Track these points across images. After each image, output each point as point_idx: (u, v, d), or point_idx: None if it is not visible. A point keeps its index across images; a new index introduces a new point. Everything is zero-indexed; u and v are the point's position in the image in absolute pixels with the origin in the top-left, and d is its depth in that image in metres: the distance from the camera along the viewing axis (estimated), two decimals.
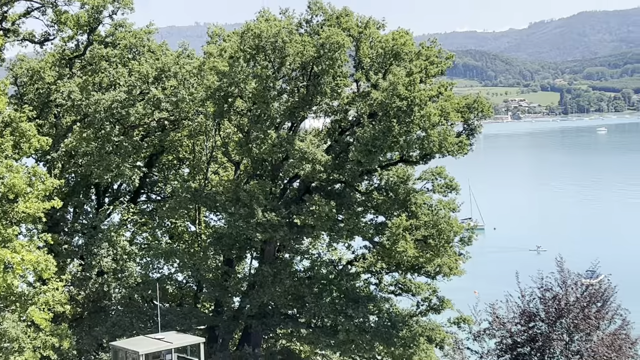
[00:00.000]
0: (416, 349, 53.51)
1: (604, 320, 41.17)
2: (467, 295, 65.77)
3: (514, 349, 41.65)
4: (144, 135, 58.77)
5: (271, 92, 52.40)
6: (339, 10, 54.32)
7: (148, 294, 57.36)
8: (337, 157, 52.99)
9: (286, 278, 53.94)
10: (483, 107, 53.84)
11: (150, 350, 45.28)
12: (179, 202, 55.45)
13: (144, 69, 55.61)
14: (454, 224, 52.36)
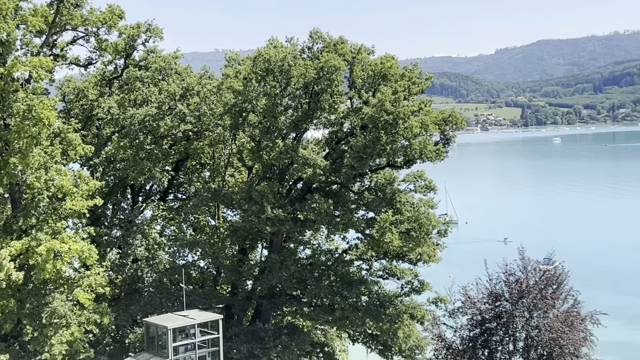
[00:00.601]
0: (400, 324, 53.59)
1: (559, 300, 41.42)
2: (443, 279, 65.99)
3: (482, 324, 41.84)
4: (171, 144, 58.88)
5: (279, 107, 52.55)
6: (336, 39, 54.46)
7: (175, 278, 57.41)
8: (334, 163, 53.13)
9: (291, 264, 54.08)
10: (457, 120, 54.02)
11: (176, 325, 45.34)
12: (201, 200, 55.65)
13: (172, 88, 55.80)
14: (432, 219, 52.46)
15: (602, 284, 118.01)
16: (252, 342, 51.92)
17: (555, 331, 39.19)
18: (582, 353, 39.75)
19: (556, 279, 41.89)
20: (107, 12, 53.76)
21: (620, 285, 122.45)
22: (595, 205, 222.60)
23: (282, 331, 54.80)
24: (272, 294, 55.68)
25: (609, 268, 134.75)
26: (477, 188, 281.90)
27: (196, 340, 45.73)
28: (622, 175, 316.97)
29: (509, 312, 40.79)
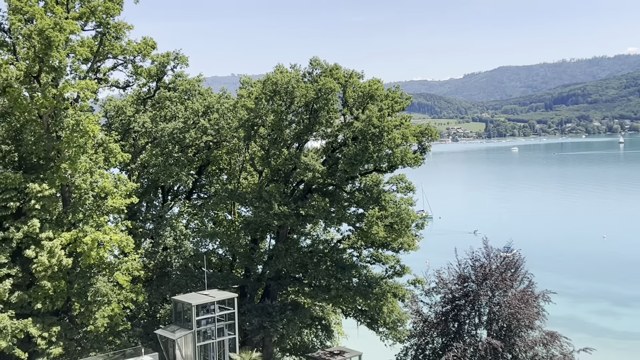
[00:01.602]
0: (385, 302, 53.50)
1: (516, 281, 41.39)
2: (420, 264, 65.78)
3: (453, 301, 41.78)
4: (195, 152, 58.77)
5: (284, 122, 52.49)
6: (331, 65, 54.40)
7: (198, 263, 57.29)
8: (330, 168, 53.02)
9: (294, 252, 53.96)
10: (431, 133, 53.98)
11: (199, 302, 45.34)
12: (219, 199, 55.54)
13: (196, 106, 55.77)
14: (411, 214, 52.44)
15: (553, 267, 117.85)
16: (262, 316, 51.83)
17: (513, 307, 39.14)
18: (535, 325, 39.73)
19: (514, 264, 41.86)
20: (142, 44, 53.74)
21: (567, 268, 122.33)
22: (547, 202, 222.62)
23: (287, 307, 54.67)
24: (278, 277, 55.56)
25: (558, 254, 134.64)
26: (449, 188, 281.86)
27: (215, 315, 45.75)
28: (570, 178, 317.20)
29: (475, 291, 40.75)
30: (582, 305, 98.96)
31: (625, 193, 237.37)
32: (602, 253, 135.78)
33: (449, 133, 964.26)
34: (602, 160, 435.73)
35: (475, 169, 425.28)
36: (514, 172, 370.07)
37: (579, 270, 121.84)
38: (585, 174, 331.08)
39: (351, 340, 65.28)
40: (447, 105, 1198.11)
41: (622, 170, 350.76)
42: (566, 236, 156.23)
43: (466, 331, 41.03)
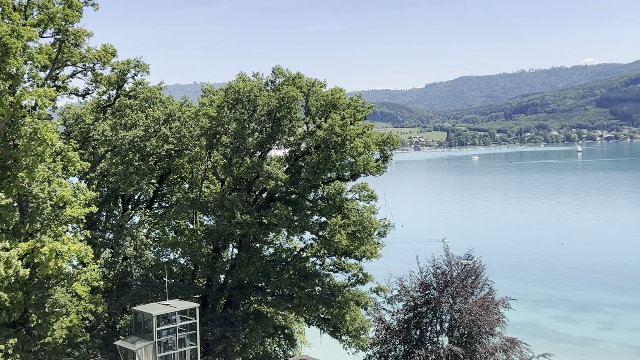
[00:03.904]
0: (348, 310, 53.63)
1: (477, 289, 41.75)
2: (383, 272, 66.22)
3: (415, 309, 41.98)
4: (156, 160, 58.24)
5: (247, 130, 52.41)
6: (294, 74, 54.52)
7: (159, 273, 56.72)
8: (293, 176, 53.11)
9: (257, 261, 53.72)
10: (393, 142, 54.40)
11: (160, 312, 44.75)
12: (181, 208, 55.04)
13: (157, 114, 55.26)
14: (373, 222, 52.72)
15: (513, 274, 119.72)
16: (224, 326, 51.51)
17: (474, 314, 39.46)
18: (496, 332, 40.09)
19: (475, 271, 42.22)
20: (102, 51, 53.18)
21: (527, 275, 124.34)
22: (507, 210, 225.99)
23: (250, 316, 54.42)
24: (241, 286, 55.33)
25: (518, 261, 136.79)
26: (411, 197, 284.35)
27: (177, 325, 45.22)
28: (529, 186, 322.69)
29: (437, 298, 40.98)
30: (541, 311, 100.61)
31: (583, 201, 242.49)
32: (560, 260, 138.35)
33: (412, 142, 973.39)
34: (561, 168, 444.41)
35: (437, 177, 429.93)
36: (475, 181, 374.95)
37: (539, 277, 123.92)
38: (544, 183, 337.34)
39: (314, 349, 65.29)
40: (410, 114, 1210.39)
41: (580, 178, 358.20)
42: (526, 243, 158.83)
43: (428, 338, 41.25)
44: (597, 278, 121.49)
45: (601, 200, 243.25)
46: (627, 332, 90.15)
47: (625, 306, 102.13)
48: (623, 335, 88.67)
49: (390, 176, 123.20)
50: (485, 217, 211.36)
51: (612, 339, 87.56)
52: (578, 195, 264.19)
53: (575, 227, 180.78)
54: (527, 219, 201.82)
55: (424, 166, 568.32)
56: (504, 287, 50.17)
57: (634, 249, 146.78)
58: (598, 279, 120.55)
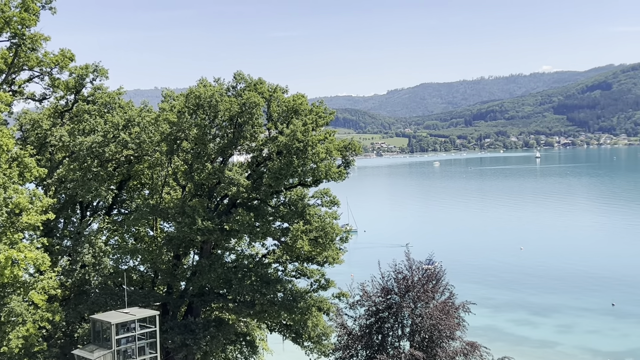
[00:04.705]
0: (310, 316, 53.63)
1: (437, 293, 42.24)
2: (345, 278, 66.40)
3: (377, 314, 42.28)
4: (115, 166, 57.50)
5: (208, 136, 52.14)
6: (256, 80, 54.47)
7: (118, 281, 55.97)
8: (254, 182, 52.95)
9: (218, 267, 53.39)
10: (355, 147, 54.68)
11: (119, 320, 44.20)
12: (141, 214, 54.38)
13: (116, 119, 54.60)
14: (336, 228, 52.87)
15: (473, 279, 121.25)
16: (185, 334, 51.05)
17: (434, 318, 39.91)
18: (456, 336, 40.61)
19: (435, 275, 42.73)
20: (60, 55, 52.40)
21: (487, 279, 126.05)
22: (467, 215, 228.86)
23: (211, 324, 54.04)
24: (202, 293, 54.92)
25: (478, 266, 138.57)
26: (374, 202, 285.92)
27: (136, 333, 44.72)
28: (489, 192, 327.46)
29: (398, 303, 41.33)
30: (500, 315, 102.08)
31: (542, 206, 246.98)
32: (519, 264, 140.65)
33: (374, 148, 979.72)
34: (520, 174, 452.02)
35: (399, 183, 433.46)
36: (436, 186, 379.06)
37: (498, 281, 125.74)
38: (503, 188, 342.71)
39: (276, 356, 65.15)
40: (372, 120, 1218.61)
41: (538, 184, 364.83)
42: (485, 248, 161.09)
43: (390, 343, 41.58)
44: (555, 282, 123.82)
45: (559, 205, 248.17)
46: (584, 334, 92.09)
47: (582, 309, 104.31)
48: (580, 338, 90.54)
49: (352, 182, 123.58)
50: (446, 222, 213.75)
51: (569, 342, 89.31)
52: (536, 201, 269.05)
53: (534, 232, 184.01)
54: (487, 224, 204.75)
55: (386, 172, 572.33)
56: (464, 291, 50.82)
57: (590, 252, 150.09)
58: (556, 283, 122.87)
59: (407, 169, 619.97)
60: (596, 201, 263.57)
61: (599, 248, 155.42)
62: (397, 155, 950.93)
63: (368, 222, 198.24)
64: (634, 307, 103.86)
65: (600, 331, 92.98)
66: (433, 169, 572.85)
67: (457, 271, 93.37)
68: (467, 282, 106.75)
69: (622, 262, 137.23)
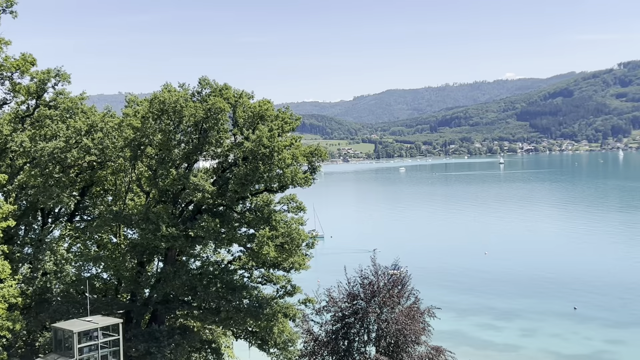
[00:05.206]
0: (276, 322, 53.56)
1: (403, 298, 42.41)
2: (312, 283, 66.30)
3: (343, 319, 42.27)
4: (78, 172, 56.73)
5: (172, 142, 51.79)
6: (221, 85, 54.32)
7: (80, 289, 55.16)
8: (220, 188, 52.71)
9: (183, 274, 53.00)
10: (321, 153, 54.91)
11: (81, 329, 43.62)
12: (104, 221, 53.74)
13: (78, 124, 53.91)
14: (302, 234, 52.88)
15: (438, 284, 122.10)
16: (149, 342, 50.49)
17: (400, 323, 40.05)
18: (421, 340, 40.78)
19: (401, 281, 42.89)
20: (21, 60, 51.67)
21: (452, 284, 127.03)
22: (432, 221, 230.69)
23: (175, 331, 53.56)
24: (166, 300, 54.42)
25: (443, 271, 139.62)
26: (340, 208, 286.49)
27: (99, 341, 44.17)
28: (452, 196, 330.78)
29: (364, 309, 41.39)
30: (465, 319, 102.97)
31: (505, 211, 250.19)
32: (483, 269, 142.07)
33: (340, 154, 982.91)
34: (484, 180, 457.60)
35: (365, 188, 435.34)
36: (402, 192, 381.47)
37: (462, 285, 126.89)
38: (468, 193, 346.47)
39: None
40: (338, 126, 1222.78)
41: (502, 189, 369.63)
42: (450, 253, 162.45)
43: (356, 349, 41.59)
44: (519, 286, 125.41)
45: (522, 210, 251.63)
46: (547, 338, 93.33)
47: (544, 313, 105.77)
48: (543, 341, 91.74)
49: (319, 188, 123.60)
50: (411, 228, 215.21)
51: (532, 345, 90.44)
52: (500, 206, 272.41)
53: (498, 237, 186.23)
54: (452, 229, 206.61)
55: (353, 177, 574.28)
56: (430, 296, 51.16)
57: (553, 257, 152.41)
58: (519, 287, 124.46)
59: (374, 174, 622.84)
60: (558, 206, 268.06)
61: (561, 253, 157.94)
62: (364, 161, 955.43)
63: (335, 228, 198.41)
64: (595, 311, 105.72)
65: (563, 335, 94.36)
66: (399, 175, 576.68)
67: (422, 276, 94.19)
68: (432, 287, 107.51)
69: (584, 267, 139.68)
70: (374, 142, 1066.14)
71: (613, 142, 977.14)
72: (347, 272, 43.81)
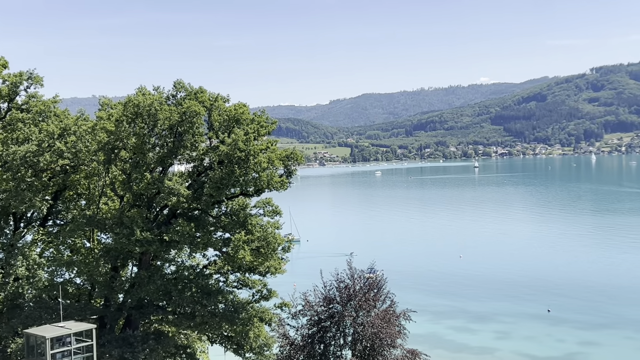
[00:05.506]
0: (251, 327, 53.37)
1: (379, 301, 42.56)
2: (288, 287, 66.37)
3: (319, 323, 42.30)
4: (50, 176, 56.07)
5: (147, 145, 51.42)
6: (196, 88, 54.07)
7: (53, 294, 54.47)
8: (195, 192, 52.43)
9: (158, 279, 52.58)
10: (297, 157, 54.89)
11: (54, 335, 43.10)
12: (77, 225, 53.12)
13: (51, 128, 53.34)
14: (278, 238, 52.82)
15: (413, 287, 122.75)
16: (123, 347, 49.99)
17: (376, 327, 40.19)
18: (397, 344, 40.95)
19: (377, 284, 43.05)
20: None
21: (427, 287, 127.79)
22: (408, 224, 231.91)
23: (150, 337, 53.11)
24: (140, 305, 53.94)
25: (419, 274, 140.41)
26: (316, 212, 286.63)
27: (72, 347, 43.67)
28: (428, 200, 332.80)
29: (340, 312, 41.47)
30: (440, 322, 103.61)
31: (480, 214, 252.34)
32: (458, 272, 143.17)
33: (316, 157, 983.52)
34: (459, 183, 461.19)
35: (341, 192, 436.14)
36: (378, 195, 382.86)
37: (438, 288, 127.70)
38: (443, 197, 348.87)
39: None
40: (315, 130, 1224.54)
41: (477, 193, 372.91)
42: (425, 256, 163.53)
43: (332, 352, 41.63)
44: (493, 289, 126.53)
45: (496, 213, 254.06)
46: (521, 340, 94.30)
47: (519, 315, 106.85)
48: (517, 344, 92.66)
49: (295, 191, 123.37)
50: (387, 231, 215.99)
51: (507, 347, 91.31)
52: (475, 209, 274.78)
53: (473, 240, 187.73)
54: (427, 233, 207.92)
55: (329, 181, 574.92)
56: (405, 299, 51.41)
57: (527, 260, 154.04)
58: (494, 290, 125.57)
59: (350, 178, 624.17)
60: (532, 210, 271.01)
61: (535, 255, 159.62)
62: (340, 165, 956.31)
63: (311, 232, 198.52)
64: (569, 313, 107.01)
65: (537, 337, 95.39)
66: (375, 179, 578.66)
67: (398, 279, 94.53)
68: (408, 290, 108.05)
69: (557, 270, 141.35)
70: (350, 146, 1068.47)
71: (586, 146, 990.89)
72: (323, 275, 43.87)
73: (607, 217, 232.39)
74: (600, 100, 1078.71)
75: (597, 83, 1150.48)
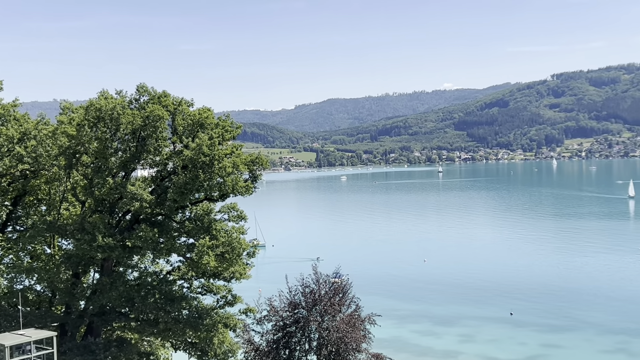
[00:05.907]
0: (216, 333, 53.06)
1: (344, 306, 42.61)
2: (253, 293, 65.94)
3: (284, 328, 42.20)
4: (10, 181, 55.03)
5: (109, 150, 50.85)
6: (160, 92, 53.70)
7: (13, 301, 53.46)
8: (159, 197, 51.99)
9: (120, 285, 51.98)
10: (262, 162, 54.83)
11: (13, 342, 42.26)
12: (37, 231, 52.27)
13: (10, 132, 52.40)
14: (243, 243, 52.64)
15: (378, 291, 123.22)
16: (85, 355, 49.27)
17: (341, 331, 40.22)
18: (362, 348, 41.03)
19: (342, 289, 43.10)
20: None
21: (391, 291, 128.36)
22: (372, 228, 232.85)
23: (112, 344, 52.42)
24: (102, 312, 53.24)
25: (383, 278, 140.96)
26: (282, 217, 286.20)
27: (32, 355, 42.89)
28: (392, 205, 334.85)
29: (305, 317, 41.42)
30: (405, 326, 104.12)
31: (444, 219, 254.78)
32: (423, 276, 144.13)
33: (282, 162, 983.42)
34: (423, 188, 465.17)
35: (307, 197, 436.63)
36: (343, 200, 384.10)
37: (403, 293, 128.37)
38: (407, 202, 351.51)
39: None
40: (280, 135, 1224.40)
41: (441, 197, 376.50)
42: (390, 260, 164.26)
43: (297, 358, 41.54)
44: (457, 292, 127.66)
45: (460, 218, 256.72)
46: (485, 343, 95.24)
47: (482, 318, 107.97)
48: (481, 347, 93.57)
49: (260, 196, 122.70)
50: (352, 236, 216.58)
51: (471, 351, 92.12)
52: (439, 214, 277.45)
53: (437, 244, 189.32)
54: (392, 237, 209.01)
55: (295, 186, 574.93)
56: (370, 303, 51.52)
57: (490, 263, 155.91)
58: (458, 294, 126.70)
59: (315, 183, 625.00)
60: (494, 214, 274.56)
61: (497, 259, 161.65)
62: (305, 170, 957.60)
63: (276, 237, 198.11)
64: (530, 316, 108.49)
65: (500, 340, 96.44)
66: (340, 183, 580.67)
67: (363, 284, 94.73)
68: (372, 295, 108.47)
69: (520, 273, 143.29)
70: (316, 151, 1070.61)
71: (547, 151, 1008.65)
72: (288, 280, 43.79)
73: (567, 221, 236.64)
74: (560, 106, 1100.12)
75: (558, 89, 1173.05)
